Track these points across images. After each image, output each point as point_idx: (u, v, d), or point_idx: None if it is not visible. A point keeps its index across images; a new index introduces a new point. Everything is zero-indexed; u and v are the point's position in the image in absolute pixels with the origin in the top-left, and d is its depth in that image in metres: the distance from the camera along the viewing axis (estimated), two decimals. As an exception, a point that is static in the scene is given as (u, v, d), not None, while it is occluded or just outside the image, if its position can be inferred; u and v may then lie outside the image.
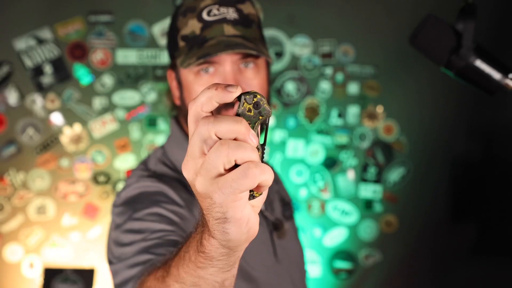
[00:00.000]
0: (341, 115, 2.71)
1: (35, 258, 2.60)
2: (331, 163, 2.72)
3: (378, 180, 2.73)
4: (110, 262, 1.03)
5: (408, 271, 2.77)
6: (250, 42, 1.08)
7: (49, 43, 2.57)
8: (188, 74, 1.10)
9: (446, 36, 0.96)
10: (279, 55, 2.67)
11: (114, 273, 0.98)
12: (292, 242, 1.26)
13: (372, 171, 2.73)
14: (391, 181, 2.73)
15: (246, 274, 1.08)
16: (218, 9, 1.09)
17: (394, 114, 2.71)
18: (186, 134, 1.18)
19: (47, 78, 2.59)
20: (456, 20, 0.95)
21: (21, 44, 2.56)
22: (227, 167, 0.53)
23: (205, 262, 0.62)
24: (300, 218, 2.69)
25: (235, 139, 0.54)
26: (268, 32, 2.64)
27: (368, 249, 2.74)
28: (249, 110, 0.58)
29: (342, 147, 2.71)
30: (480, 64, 0.95)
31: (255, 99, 0.58)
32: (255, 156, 0.54)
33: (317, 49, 2.69)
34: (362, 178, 2.73)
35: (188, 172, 0.56)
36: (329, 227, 2.72)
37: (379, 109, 2.71)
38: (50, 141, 2.60)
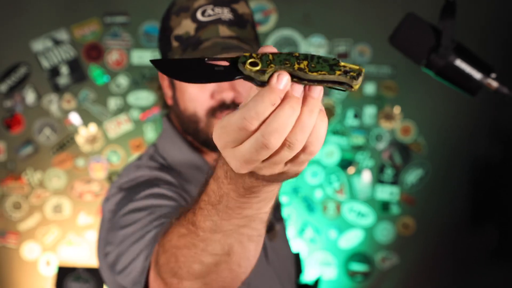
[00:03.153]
0: (357, 115, 2.67)
1: (51, 256, 2.63)
2: (346, 164, 2.68)
3: (395, 181, 2.68)
4: (107, 254, 0.98)
5: (425, 275, 2.71)
6: (246, 43, 1.07)
7: (66, 44, 2.60)
8: None
9: (425, 35, 0.94)
10: (294, 55, 2.64)
11: (117, 257, 0.92)
12: (281, 243, 1.26)
13: (389, 172, 2.68)
14: (408, 183, 2.68)
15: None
16: (212, 9, 1.07)
17: (411, 115, 2.66)
18: (178, 131, 1.18)
19: (64, 78, 2.61)
20: (440, 18, 0.93)
21: (38, 45, 2.59)
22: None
23: (251, 197, 0.60)
24: (316, 219, 2.67)
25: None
26: (283, 32, 2.61)
27: (384, 251, 2.70)
28: (254, 72, 0.51)
29: (358, 148, 2.68)
30: (460, 63, 0.92)
31: (251, 60, 0.51)
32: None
33: (332, 49, 2.65)
34: (378, 179, 2.69)
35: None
36: (345, 229, 2.68)
37: (396, 109, 2.66)
38: (66, 141, 2.63)
